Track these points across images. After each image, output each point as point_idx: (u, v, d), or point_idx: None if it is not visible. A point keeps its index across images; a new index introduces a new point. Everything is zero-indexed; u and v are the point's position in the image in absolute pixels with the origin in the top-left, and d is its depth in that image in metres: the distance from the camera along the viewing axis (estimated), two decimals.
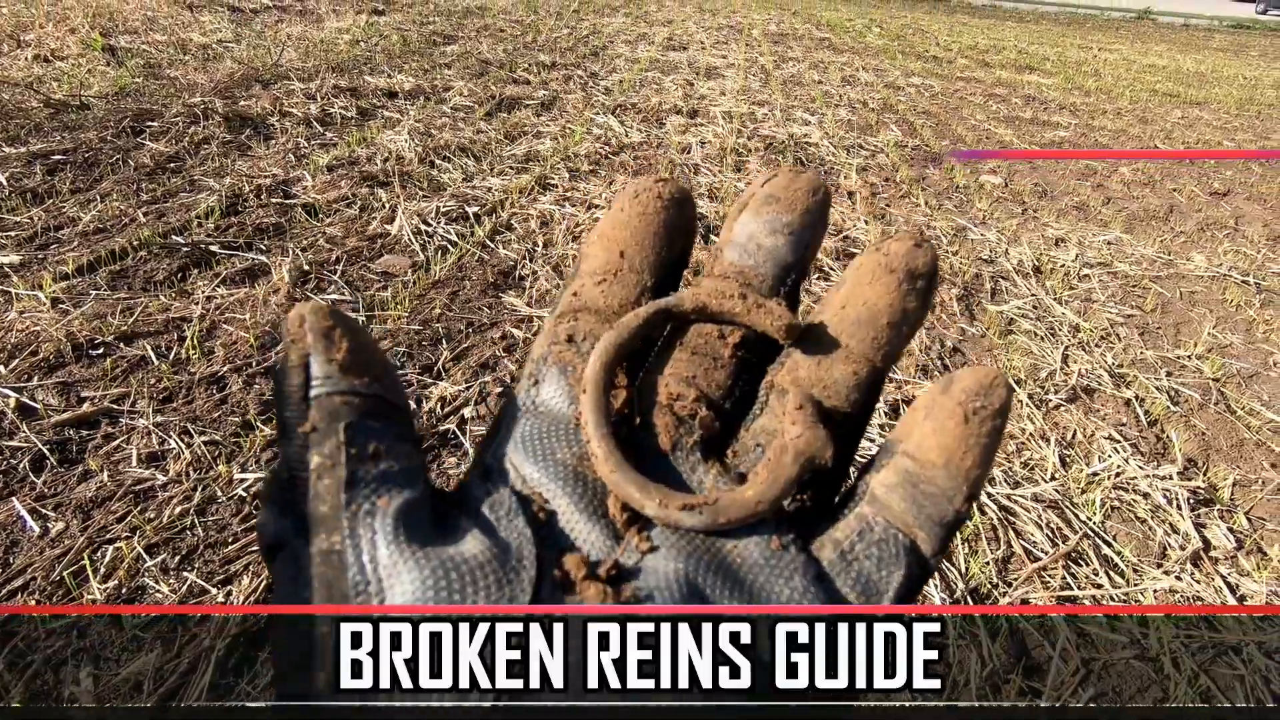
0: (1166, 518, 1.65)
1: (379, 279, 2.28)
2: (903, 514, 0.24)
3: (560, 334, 0.28)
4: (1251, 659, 1.34)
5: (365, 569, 0.20)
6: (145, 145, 3.04)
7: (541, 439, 0.25)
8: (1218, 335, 2.49)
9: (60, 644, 1.13)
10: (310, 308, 0.23)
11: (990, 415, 0.24)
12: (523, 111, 4.24)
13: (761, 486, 0.24)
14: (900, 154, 4.21)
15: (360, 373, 0.23)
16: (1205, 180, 4.30)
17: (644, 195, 0.29)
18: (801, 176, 0.29)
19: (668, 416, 0.26)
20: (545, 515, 0.24)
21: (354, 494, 0.21)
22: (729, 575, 0.23)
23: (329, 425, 0.22)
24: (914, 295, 0.27)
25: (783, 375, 0.27)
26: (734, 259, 0.29)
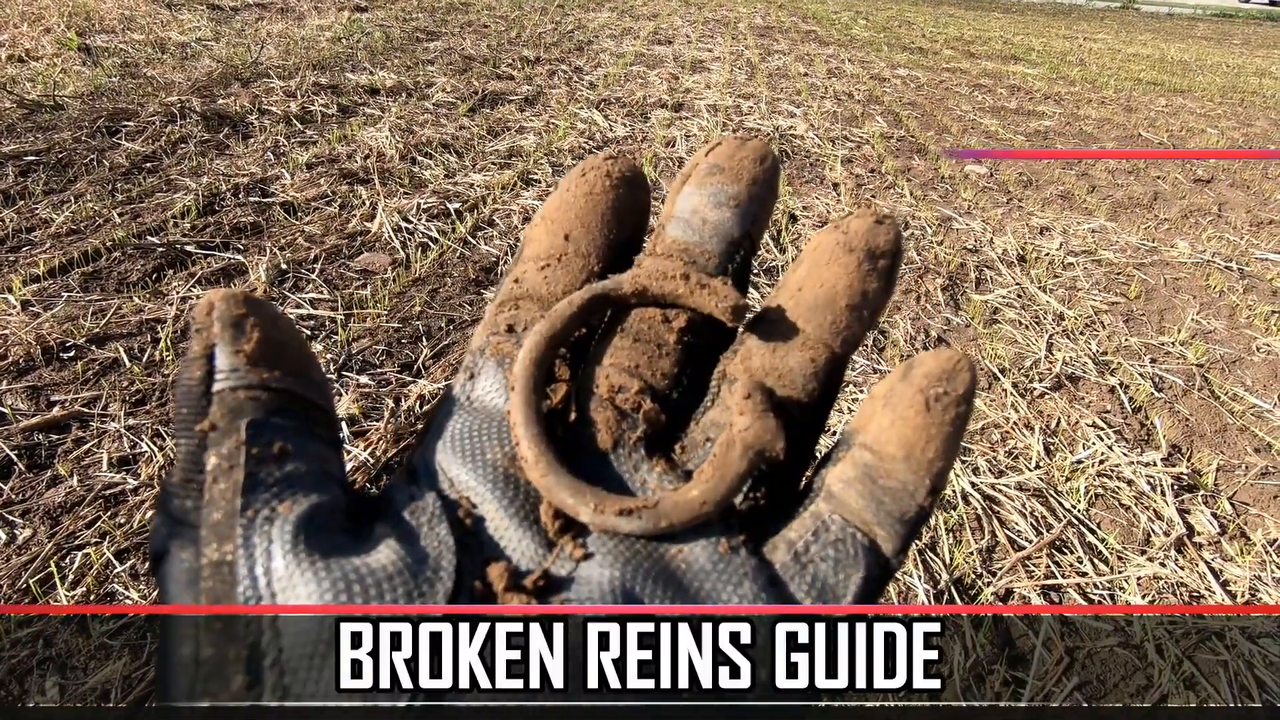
0: (1150, 504, 1.65)
1: (358, 277, 2.25)
2: (861, 511, 0.22)
3: (500, 323, 0.26)
4: (1235, 644, 1.33)
5: (258, 582, 0.19)
6: (121, 145, 3.00)
7: (472, 438, 0.23)
8: (1201, 321, 2.50)
9: (25, 653, 1.11)
10: (222, 294, 0.22)
11: (953, 402, 0.22)
12: (506, 107, 4.21)
13: (707, 485, 0.22)
14: (885, 145, 4.20)
15: (271, 365, 0.21)
16: (1189, 167, 4.31)
17: (591, 174, 0.27)
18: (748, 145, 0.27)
19: (608, 411, 0.24)
20: (472, 521, 0.22)
21: (252, 498, 0.19)
22: (670, 582, 0.21)
23: (230, 423, 0.20)
24: (875, 275, 0.25)
25: (735, 364, 0.25)
26: (677, 235, 0.27)
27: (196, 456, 0.20)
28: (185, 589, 0.19)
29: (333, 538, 0.20)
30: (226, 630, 0.18)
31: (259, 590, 0.18)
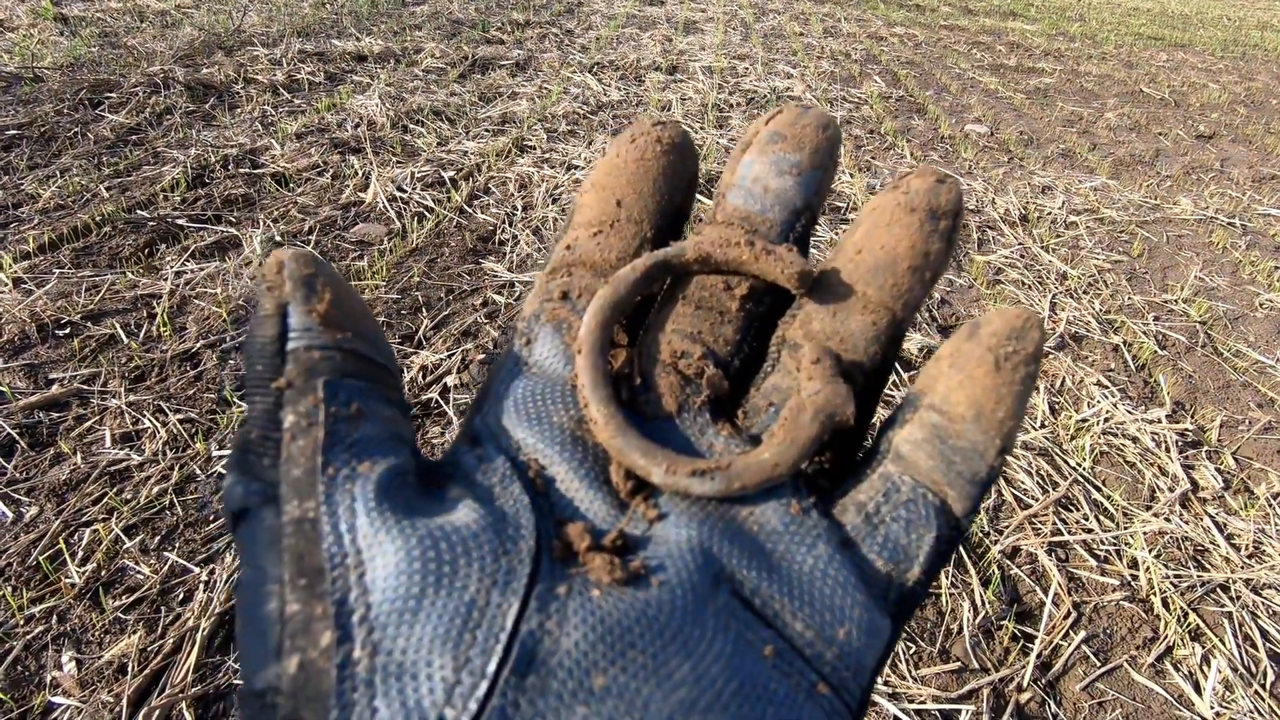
0: (1155, 460, 1.65)
1: (355, 248, 2.22)
2: (931, 471, 0.22)
3: (554, 290, 0.26)
4: (1240, 596, 1.35)
5: (343, 539, 0.18)
6: (104, 117, 2.93)
7: (536, 401, 0.23)
8: (1204, 278, 2.49)
9: (40, 629, 1.11)
10: (292, 253, 0.21)
11: (1023, 360, 0.22)
12: (497, 72, 4.12)
13: (778, 448, 0.22)
14: (884, 105, 4.13)
15: (343, 326, 0.21)
16: (1191, 124, 4.26)
17: (641, 140, 0.27)
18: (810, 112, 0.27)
19: (672, 376, 0.24)
20: (542, 483, 0.21)
21: (332, 457, 0.19)
22: (747, 543, 0.21)
23: (306, 382, 0.20)
24: (937, 236, 0.24)
25: (795, 329, 0.25)
26: (739, 203, 0.26)
27: (273, 414, 0.20)
28: (268, 546, 0.18)
29: (411, 498, 0.20)
30: (312, 586, 0.18)
31: (344, 547, 0.18)
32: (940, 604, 1.29)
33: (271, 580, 0.18)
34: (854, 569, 0.21)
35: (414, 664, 0.17)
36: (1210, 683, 1.20)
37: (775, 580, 0.20)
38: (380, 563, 0.18)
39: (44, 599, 1.15)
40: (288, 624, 0.17)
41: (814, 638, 0.20)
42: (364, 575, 0.18)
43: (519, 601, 0.18)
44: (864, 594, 0.21)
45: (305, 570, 0.18)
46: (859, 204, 2.76)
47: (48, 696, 1.03)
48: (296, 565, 0.18)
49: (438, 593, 0.18)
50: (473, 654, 0.17)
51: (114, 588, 1.18)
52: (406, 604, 0.18)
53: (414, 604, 0.18)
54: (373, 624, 0.17)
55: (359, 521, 0.19)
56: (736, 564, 0.20)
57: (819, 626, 0.20)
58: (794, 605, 0.20)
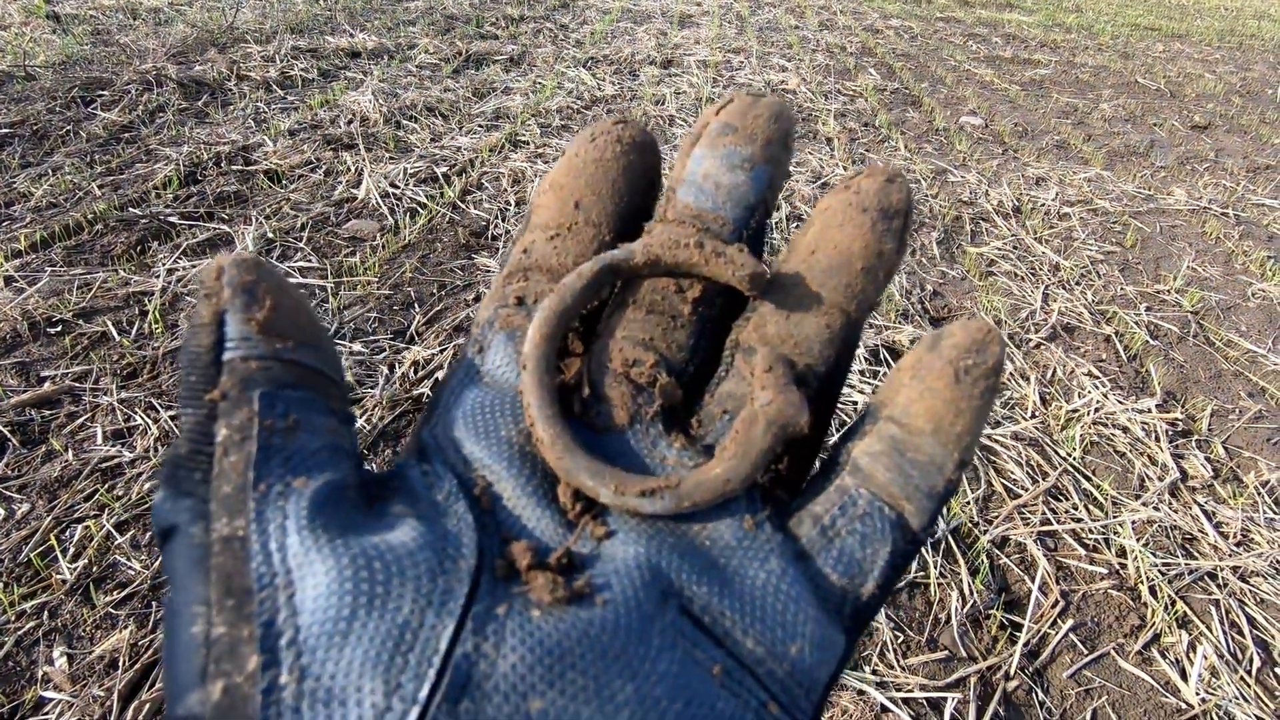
0: (1145, 450, 1.66)
1: (347, 244, 2.22)
2: (888, 485, 0.22)
3: (508, 295, 0.25)
4: (1227, 583, 1.36)
5: (272, 558, 0.18)
6: (97, 115, 2.92)
7: (485, 414, 0.23)
8: (1197, 268, 2.49)
9: (31, 625, 1.11)
10: (232, 259, 0.20)
11: (984, 374, 0.21)
12: (491, 68, 4.11)
13: (730, 462, 0.21)
14: (879, 98, 4.13)
15: (284, 335, 0.20)
16: (1186, 114, 4.26)
17: (601, 139, 0.26)
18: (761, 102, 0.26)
19: (624, 386, 0.24)
20: (488, 499, 0.21)
21: (264, 472, 0.19)
22: (698, 559, 0.21)
23: (241, 393, 0.19)
24: (890, 235, 0.24)
25: (749, 332, 0.24)
26: (689, 201, 0.25)
27: (205, 427, 0.19)
28: (195, 566, 0.18)
29: (348, 515, 0.19)
30: (240, 607, 0.17)
31: (273, 566, 0.18)
32: (929, 593, 1.30)
33: (198, 601, 0.17)
34: (807, 584, 0.21)
35: (343, 689, 0.16)
36: (1196, 669, 1.20)
37: (726, 597, 0.20)
38: (311, 583, 0.17)
39: (35, 595, 1.16)
40: (213, 647, 0.17)
41: (765, 655, 0.19)
42: (294, 596, 0.17)
43: (454, 623, 0.17)
44: (817, 609, 0.21)
45: (233, 591, 0.17)
46: None
47: (39, 691, 1.04)
48: (224, 585, 0.17)
49: (369, 614, 0.17)
50: (404, 679, 0.16)
51: (105, 583, 1.19)
52: (337, 626, 0.17)
53: (344, 626, 0.17)
54: (301, 647, 0.17)
55: (290, 540, 0.18)
56: (686, 580, 0.20)
57: (770, 643, 0.20)
58: (745, 622, 0.20)
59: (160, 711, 1.02)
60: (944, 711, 1.11)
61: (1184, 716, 1.15)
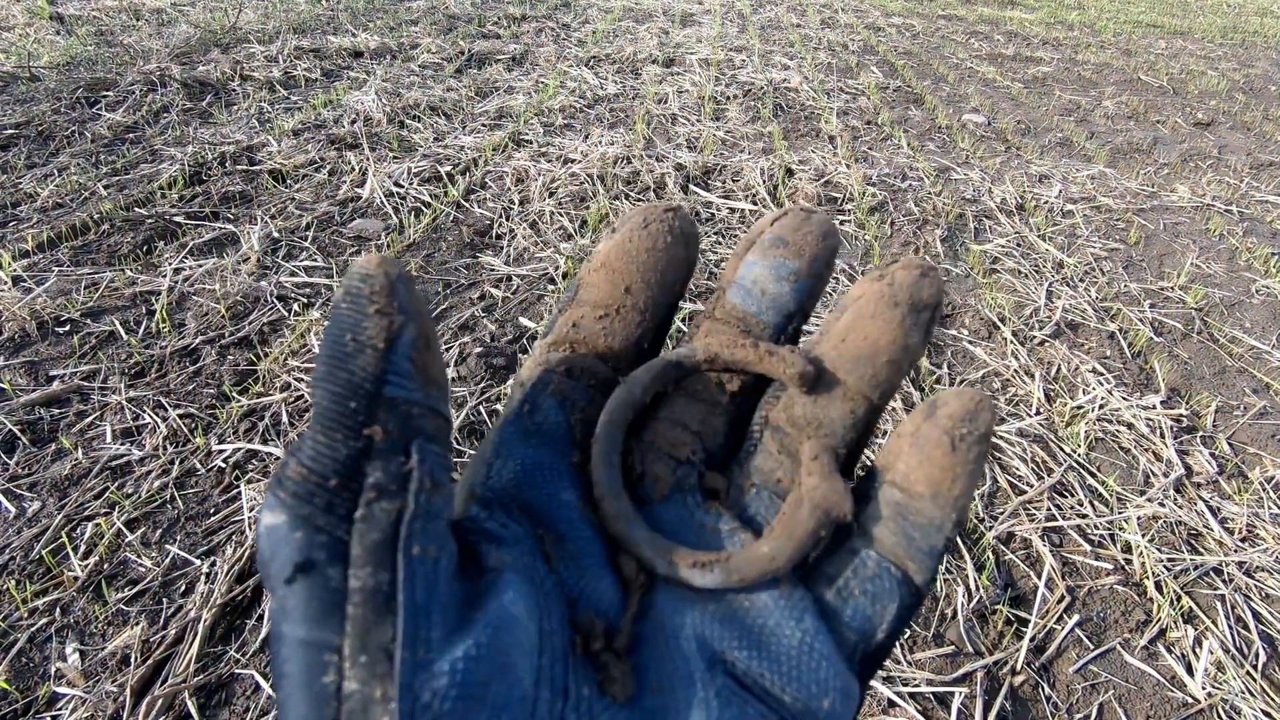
0: (1150, 446, 1.66)
1: (352, 244, 2.23)
2: (894, 547, 0.24)
3: (556, 364, 0.27)
4: (1232, 579, 1.36)
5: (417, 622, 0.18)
6: (102, 116, 2.93)
7: (545, 476, 0.24)
8: (1200, 265, 2.49)
9: (44, 622, 1.12)
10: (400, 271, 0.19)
11: (976, 440, 0.24)
12: (494, 67, 4.11)
13: (777, 542, 0.23)
14: (881, 96, 4.13)
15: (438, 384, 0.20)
16: (1189, 111, 4.25)
17: (655, 227, 0.27)
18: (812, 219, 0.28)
19: (667, 462, 0.26)
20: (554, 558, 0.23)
21: (415, 531, 0.18)
22: (737, 624, 0.23)
23: (401, 437, 0.18)
24: (917, 329, 0.26)
25: (778, 412, 0.26)
26: (737, 302, 0.28)
27: (356, 463, 0.18)
28: (330, 611, 0.17)
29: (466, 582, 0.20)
30: (374, 664, 0.17)
31: (418, 629, 0.17)
32: (935, 589, 1.30)
33: (328, 649, 0.17)
34: (833, 641, 0.23)
35: None
36: (1202, 664, 1.21)
37: (765, 658, 0.22)
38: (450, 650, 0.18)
39: (47, 592, 1.17)
40: (345, 701, 0.16)
41: (802, 709, 0.22)
42: (433, 663, 0.17)
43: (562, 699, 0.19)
44: (842, 664, 0.23)
45: (369, 647, 0.17)
46: (855, 195, 2.77)
47: (52, 687, 1.04)
48: (360, 639, 0.17)
49: (500, 685, 0.18)
50: None
51: (116, 580, 1.19)
52: (472, 692, 0.17)
53: (479, 693, 0.17)
54: (437, 713, 0.17)
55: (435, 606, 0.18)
56: (728, 646, 0.22)
57: (806, 699, 0.22)
58: (783, 681, 0.22)
59: (172, 706, 1.02)
60: (951, 706, 1.12)
61: (1190, 711, 1.15)
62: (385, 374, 0.18)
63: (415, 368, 0.19)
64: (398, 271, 0.19)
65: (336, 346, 0.18)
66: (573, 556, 0.23)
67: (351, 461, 0.18)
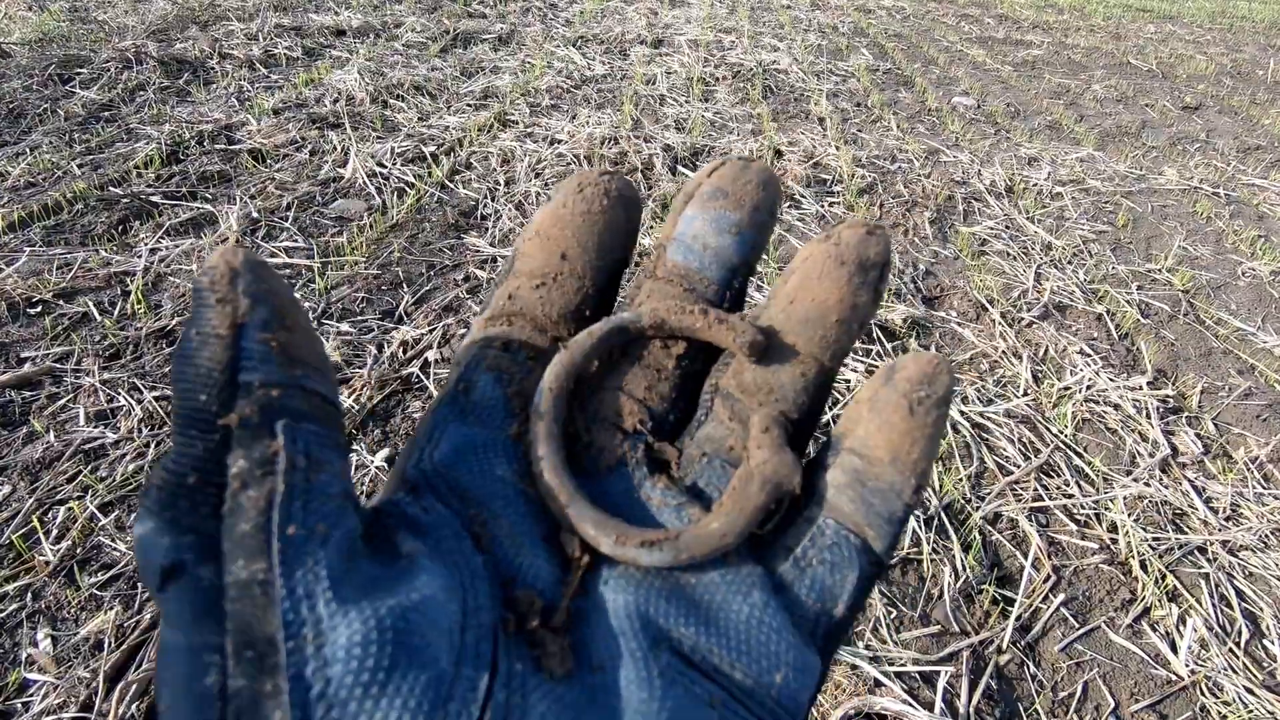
0: (1136, 427, 1.66)
1: (334, 224, 2.19)
2: (853, 514, 0.23)
3: (494, 338, 0.26)
4: (1216, 557, 1.36)
5: (300, 607, 0.16)
6: (75, 94, 2.86)
7: (478, 453, 0.23)
8: (1188, 248, 2.49)
9: (15, 607, 1.10)
10: (244, 259, 0.19)
11: (934, 404, 0.23)
12: (479, 46, 4.05)
13: (727, 518, 0.22)
14: (871, 78, 4.10)
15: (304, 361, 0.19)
16: (1178, 95, 4.25)
17: (589, 191, 0.26)
18: (750, 168, 0.27)
19: (612, 432, 0.25)
20: (487, 539, 0.22)
21: (291, 514, 0.17)
22: (684, 600, 0.22)
23: (262, 423, 0.18)
24: (865, 288, 0.25)
25: (728, 379, 0.26)
26: (678, 259, 0.27)
27: (215, 455, 0.17)
28: (206, 611, 0.16)
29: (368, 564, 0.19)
30: (261, 658, 0.16)
31: (301, 616, 0.16)
32: (921, 569, 1.30)
33: (209, 649, 0.16)
34: (786, 614, 0.22)
35: None
36: (1186, 642, 1.21)
37: (713, 634, 0.21)
38: (344, 633, 0.17)
39: (18, 577, 1.14)
40: (231, 700, 0.16)
41: (753, 685, 0.21)
42: (323, 648, 0.16)
43: (488, 675, 0.18)
44: (796, 637, 0.22)
45: (254, 641, 0.16)
46: (844, 177, 2.75)
47: (24, 673, 1.02)
48: (243, 634, 0.16)
49: (409, 666, 0.17)
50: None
51: (89, 565, 1.17)
52: (375, 678, 0.16)
53: (383, 678, 0.16)
54: (332, 701, 0.16)
55: (319, 589, 0.17)
56: (673, 624, 0.21)
57: (757, 674, 0.21)
58: (732, 656, 0.21)
59: (146, 692, 1.00)
60: (937, 685, 1.12)
61: (1174, 688, 1.16)
62: (236, 361, 0.18)
63: (273, 349, 0.18)
64: (242, 258, 0.18)
65: (184, 344, 0.18)
66: (508, 534, 0.22)
67: (210, 455, 0.17)
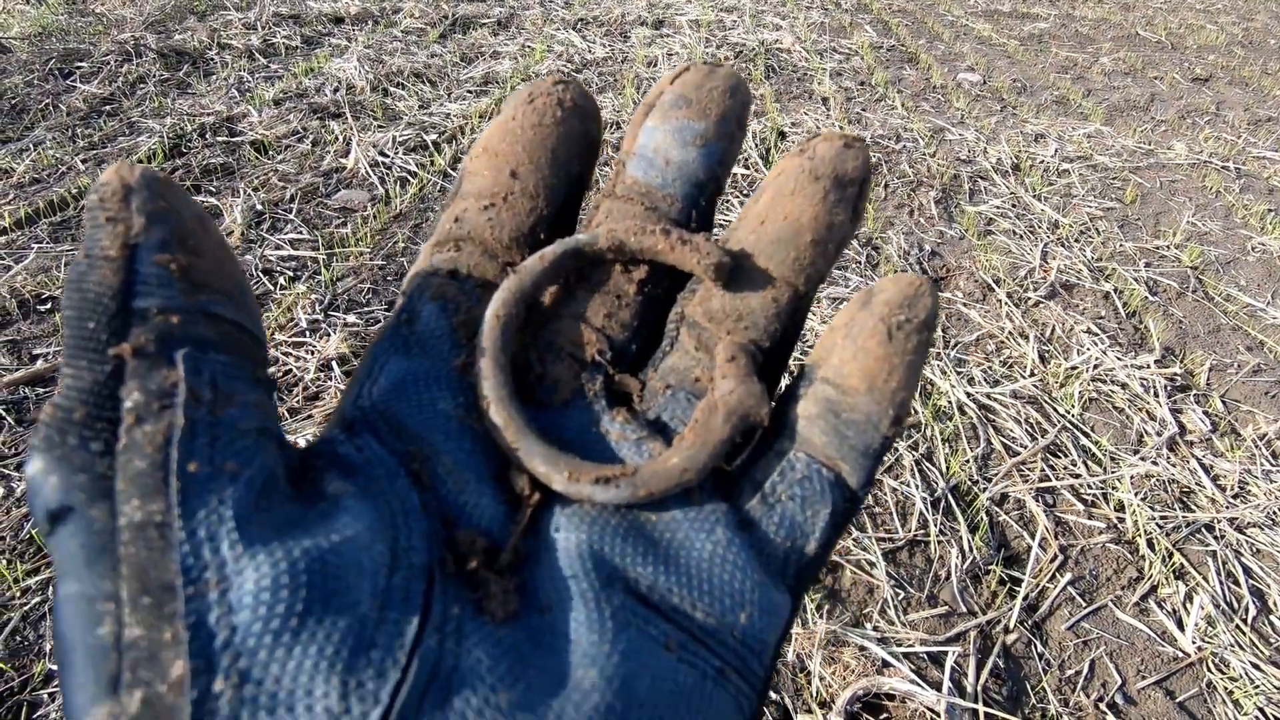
0: (1144, 405, 1.66)
1: (338, 215, 2.19)
2: (825, 447, 0.22)
3: (440, 265, 0.24)
4: (1224, 535, 1.37)
5: (201, 550, 0.15)
6: (76, 88, 2.85)
7: (419, 386, 0.21)
8: (1197, 223, 2.47)
9: (37, 600, 1.12)
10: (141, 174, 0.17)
11: (915, 328, 0.21)
12: (479, 31, 4.01)
13: (689, 452, 0.21)
14: (875, 56, 4.05)
15: (208, 284, 0.17)
16: (1187, 66, 4.18)
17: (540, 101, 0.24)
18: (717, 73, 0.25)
19: (568, 363, 0.23)
20: (428, 476, 0.20)
21: (193, 450, 0.16)
22: (640, 538, 0.20)
23: (160, 352, 0.16)
24: (842, 205, 0.23)
25: (694, 306, 0.24)
26: (639, 176, 0.24)
27: (107, 388, 0.16)
28: (97, 555, 0.15)
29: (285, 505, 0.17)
30: (159, 605, 0.15)
31: (203, 559, 0.15)
32: (928, 551, 1.31)
33: (102, 597, 0.15)
34: (752, 551, 0.21)
35: (290, 693, 0.15)
36: (1193, 619, 1.22)
37: (672, 573, 0.20)
38: (251, 578, 0.15)
39: (39, 570, 1.16)
40: (127, 651, 0.15)
41: (716, 625, 0.19)
42: (227, 593, 0.15)
43: (418, 619, 0.17)
44: (761, 574, 0.21)
45: (150, 586, 0.15)
46: None
47: (47, 665, 1.04)
48: (139, 580, 0.15)
49: (325, 611, 0.16)
50: (365, 677, 0.15)
51: None
52: (286, 624, 0.15)
53: (295, 624, 0.15)
54: (239, 649, 0.15)
55: (223, 530, 0.16)
56: (630, 563, 0.20)
57: (720, 614, 0.20)
58: (693, 595, 0.20)
59: None
60: (944, 665, 1.13)
61: (1180, 665, 1.17)
62: (130, 285, 0.16)
63: (172, 272, 0.17)
64: (139, 174, 0.17)
65: (73, 269, 0.16)
66: (451, 472, 0.20)
67: (100, 388, 0.16)
